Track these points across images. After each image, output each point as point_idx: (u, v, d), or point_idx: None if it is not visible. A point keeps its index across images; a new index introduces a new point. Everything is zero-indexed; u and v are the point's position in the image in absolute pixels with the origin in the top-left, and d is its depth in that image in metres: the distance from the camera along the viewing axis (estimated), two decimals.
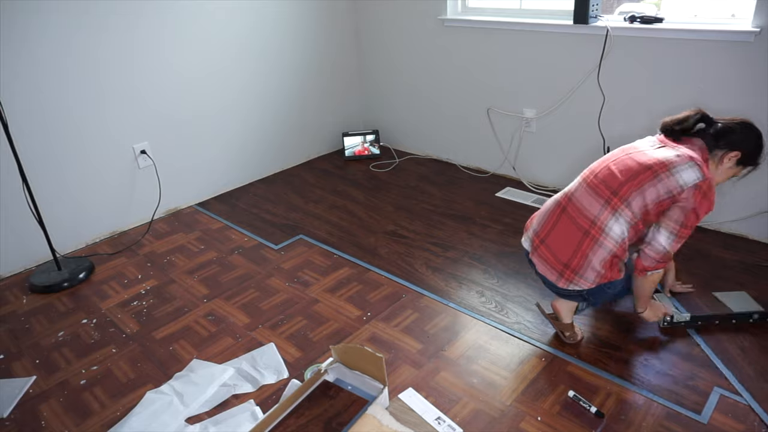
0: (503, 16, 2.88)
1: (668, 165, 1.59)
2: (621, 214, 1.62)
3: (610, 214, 1.63)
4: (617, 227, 1.62)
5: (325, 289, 2.23)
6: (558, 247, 1.71)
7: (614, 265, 1.66)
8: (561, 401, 1.62)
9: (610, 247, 1.63)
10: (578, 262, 1.67)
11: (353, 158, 3.57)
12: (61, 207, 2.55)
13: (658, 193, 1.58)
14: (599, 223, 1.64)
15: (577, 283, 1.68)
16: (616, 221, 1.62)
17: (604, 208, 1.64)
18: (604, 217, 1.63)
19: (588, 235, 1.65)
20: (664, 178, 1.57)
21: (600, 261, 1.65)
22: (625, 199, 1.62)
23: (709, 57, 2.25)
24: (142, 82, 2.67)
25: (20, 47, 2.26)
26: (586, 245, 1.65)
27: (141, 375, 1.82)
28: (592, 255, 1.65)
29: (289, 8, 3.18)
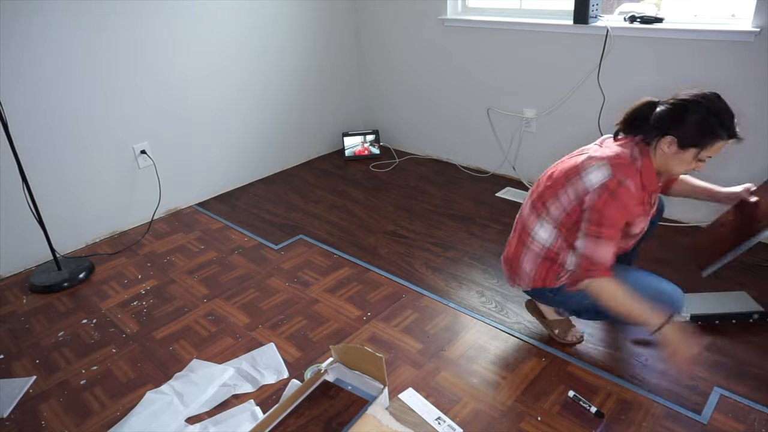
0: (503, 16, 2.88)
1: (580, 168, 1.54)
2: (544, 219, 1.62)
3: (536, 219, 1.64)
4: (543, 232, 1.63)
5: (325, 289, 2.23)
6: (509, 251, 1.78)
7: (550, 271, 1.66)
8: (561, 401, 1.62)
9: (536, 250, 1.65)
10: (515, 264, 1.73)
11: (353, 158, 3.57)
12: (61, 207, 2.55)
13: (569, 197, 1.56)
14: (528, 228, 1.67)
15: (519, 283, 1.75)
16: (541, 226, 1.63)
17: (532, 213, 1.66)
18: (531, 222, 1.66)
19: (520, 240, 1.71)
20: (575, 182, 1.54)
21: (530, 264, 1.68)
22: (545, 204, 1.62)
23: (709, 57, 2.25)
24: (143, 82, 2.67)
25: (20, 47, 2.26)
26: (518, 248, 1.71)
27: (141, 375, 1.82)
28: (522, 257, 1.70)
29: (290, 8, 3.18)
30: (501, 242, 2.48)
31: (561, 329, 1.85)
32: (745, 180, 2.32)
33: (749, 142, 2.27)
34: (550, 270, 1.66)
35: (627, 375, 1.70)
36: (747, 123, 2.26)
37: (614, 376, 1.70)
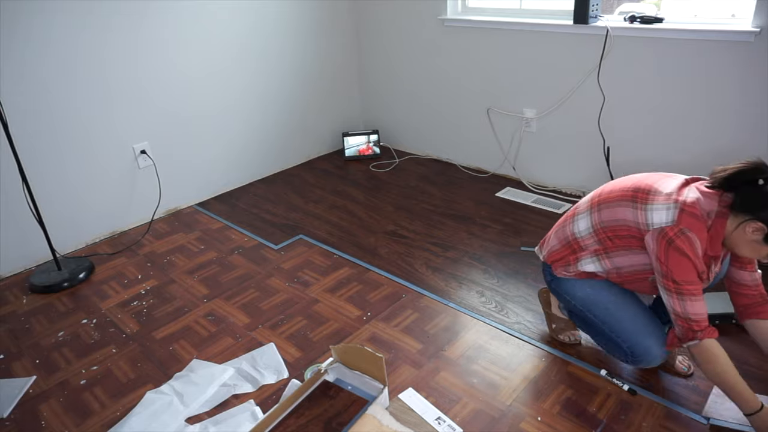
0: (503, 16, 2.88)
1: (649, 198, 1.43)
2: (592, 213, 1.59)
3: (586, 209, 1.62)
4: (583, 223, 1.61)
5: (325, 289, 2.23)
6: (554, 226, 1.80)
7: (564, 259, 1.66)
8: (561, 401, 1.62)
9: (567, 234, 1.65)
10: (551, 231, 1.76)
11: (353, 158, 3.57)
12: (61, 207, 2.55)
13: (624, 216, 1.47)
14: (575, 211, 1.67)
15: (543, 248, 1.76)
16: (585, 217, 1.60)
17: (586, 202, 1.64)
18: (580, 209, 1.65)
19: (566, 216, 1.71)
20: (638, 208, 1.44)
21: (556, 240, 1.69)
22: (600, 203, 1.57)
23: (709, 57, 2.25)
24: (143, 82, 2.67)
25: (21, 47, 2.26)
26: (560, 221, 1.73)
27: (141, 375, 1.82)
28: (556, 231, 1.71)
29: (290, 8, 3.18)
30: (501, 242, 2.48)
31: (559, 326, 1.85)
32: None
33: (750, 142, 2.28)
34: (565, 257, 1.65)
35: (627, 375, 1.70)
36: (747, 123, 2.28)
37: (614, 376, 1.70)
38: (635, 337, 1.55)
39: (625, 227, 1.48)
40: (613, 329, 1.59)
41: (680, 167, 2.49)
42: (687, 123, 2.40)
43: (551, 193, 2.94)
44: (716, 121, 2.32)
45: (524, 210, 2.78)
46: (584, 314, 1.65)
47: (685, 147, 2.45)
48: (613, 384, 1.66)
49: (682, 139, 2.44)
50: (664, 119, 2.46)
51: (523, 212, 2.75)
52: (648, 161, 2.57)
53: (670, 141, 2.48)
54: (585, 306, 1.64)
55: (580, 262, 1.62)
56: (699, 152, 2.41)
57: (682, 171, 2.50)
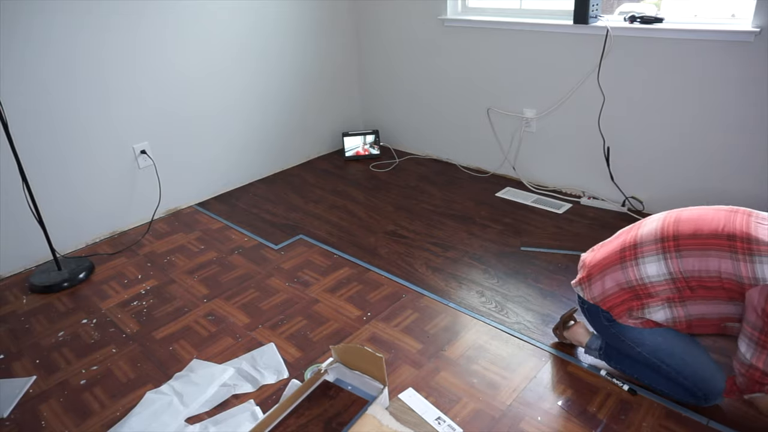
0: (503, 16, 2.88)
1: (753, 249, 1.29)
2: (667, 258, 1.40)
3: (655, 251, 1.43)
4: (654, 267, 1.43)
5: (325, 289, 2.23)
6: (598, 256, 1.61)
7: (625, 303, 1.50)
8: (561, 401, 1.62)
9: (630, 277, 1.47)
10: (596, 271, 1.58)
11: (353, 158, 3.57)
12: (61, 207, 2.55)
13: (719, 268, 1.33)
14: (638, 251, 1.47)
15: (584, 288, 1.61)
16: (657, 261, 1.42)
17: (654, 243, 1.45)
18: (647, 249, 1.45)
19: (621, 254, 1.51)
20: (740, 260, 1.30)
21: (613, 282, 1.52)
22: (680, 249, 1.39)
23: (709, 57, 2.25)
24: (143, 82, 2.67)
25: (21, 47, 2.26)
26: (612, 260, 1.53)
27: (141, 375, 1.82)
28: (609, 272, 1.52)
29: (290, 8, 3.18)
30: (501, 242, 2.49)
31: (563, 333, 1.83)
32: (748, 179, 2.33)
33: (749, 142, 2.28)
34: (625, 303, 1.50)
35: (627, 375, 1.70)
36: (747, 123, 2.27)
37: (615, 376, 1.70)
38: (710, 382, 1.49)
39: (718, 279, 1.34)
40: (686, 377, 1.50)
41: (680, 167, 2.49)
42: (687, 123, 2.40)
43: (551, 193, 2.94)
44: (716, 121, 2.32)
45: (524, 210, 2.78)
46: (650, 361, 1.54)
47: (684, 146, 2.45)
48: (612, 384, 1.66)
49: (682, 139, 2.44)
50: (664, 119, 2.46)
51: (523, 212, 2.75)
52: (648, 161, 2.57)
53: (670, 141, 2.48)
54: (654, 354, 1.53)
55: (646, 309, 1.47)
56: (699, 152, 2.41)
57: (682, 170, 2.51)
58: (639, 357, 1.57)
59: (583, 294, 1.62)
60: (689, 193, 2.50)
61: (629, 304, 1.50)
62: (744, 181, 2.33)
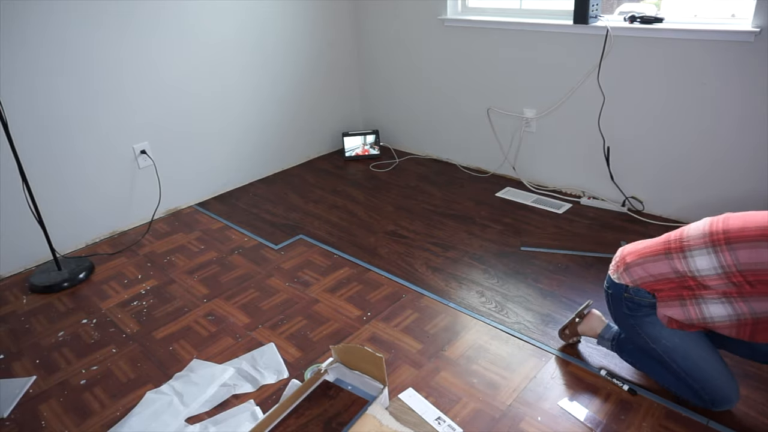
0: (503, 16, 2.88)
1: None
2: (718, 251, 1.35)
3: (704, 244, 1.38)
4: (704, 260, 1.37)
5: (325, 289, 2.23)
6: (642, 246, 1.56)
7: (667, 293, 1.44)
8: (561, 401, 1.62)
9: (678, 268, 1.42)
10: (638, 258, 1.52)
11: (353, 158, 3.57)
12: (61, 207, 2.55)
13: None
14: (684, 243, 1.42)
15: (621, 274, 1.55)
16: (708, 254, 1.37)
17: (701, 238, 1.40)
18: (693, 243, 1.40)
19: (664, 246, 1.47)
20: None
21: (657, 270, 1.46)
22: (731, 241, 1.34)
23: (709, 57, 2.25)
24: (143, 82, 2.67)
25: (21, 47, 2.26)
26: (657, 249, 1.47)
27: (141, 375, 1.82)
28: (652, 260, 1.47)
29: (290, 8, 3.18)
30: (501, 242, 2.48)
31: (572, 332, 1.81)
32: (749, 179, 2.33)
33: (750, 142, 2.28)
34: (675, 291, 1.44)
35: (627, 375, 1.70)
36: (747, 123, 2.27)
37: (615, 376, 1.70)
38: (721, 390, 1.48)
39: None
40: (696, 381, 1.50)
41: (680, 167, 2.49)
42: (687, 123, 2.40)
43: (551, 193, 2.94)
44: (716, 121, 2.32)
45: (524, 210, 2.78)
46: (662, 358, 1.54)
47: (684, 146, 2.44)
48: (613, 384, 1.66)
49: (682, 139, 2.44)
50: (664, 119, 2.46)
51: (523, 212, 2.75)
52: (648, 161, 2.57)
53: (670, 141, 2.48)
54: (668, 354, 1.52)
55: (701, 300, 1.41)
56: (699, 152, 2.41)
57: (682, 170, 2.51)
58: (653, 353, 1.56)
59: (618, 278, 1.56)
60: (689, 192, 2.50)
61: (678, 292, 1.44)
62: (744, 181, 2.33)
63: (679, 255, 1.43)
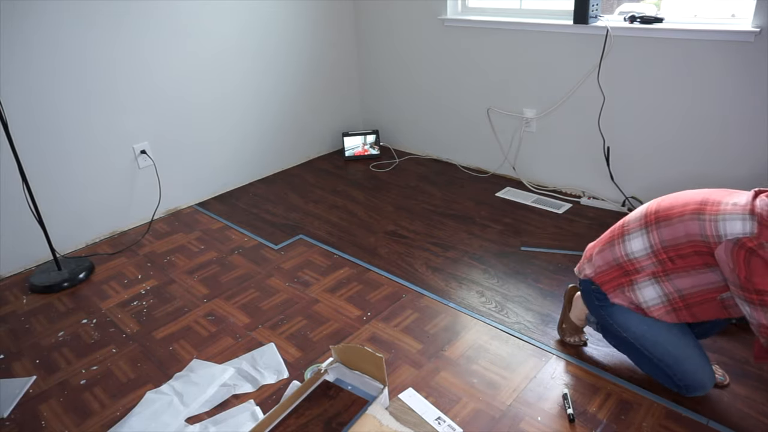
0: (503, 16, 2.88)
1: (720, 209, 1.33)
2: (649, 231, 1.46)
3: (638, 227, 1.50)
4: (637, 242, 1.49)
5: (325, 289, 2.23)
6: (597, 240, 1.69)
7: (615, 280, 1.55)
8: (561, 401, 1.62)
9: (617, 254, 1.54)
10: (592, 251, 1.66)
11: (353, 158, 3.57)
12: (61, 207, 2.55)
13: (688, 231, 1.37)
14: (624, 229, 1.55)
15: (583, 269, 1.67)
16: (640, 236, 1.48)
17: (638, 221, 1.52)
18: (632, 226, 1.52)
19: (610, 234, 1.60)
20: (706, 220, 1.34)
21: (603, 260, 1.58)
22: (659, 221, 1.45)
23: (709, 57, 2.25)
24: (143, 82, 2.67)
25: (21, 48, 2.26)
26: (604, 240, 1.61)
27: (141, 375, 1.82)
28: (600, 250, 1.61)
29: (290, 8, 3.18)
30: (501, 242, 2.48)
31: (570, 327, 1.84)
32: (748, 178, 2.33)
33: (750, 142, 2.28)
34: (616, 279, 1.55)
35: (627, 375, 1.70)
36: (747, 123, 2.28)
37: (614, 376, 1.70)
38: (692, 375, 1.53)
39: (689, 244, 1.38)
40: (668, 366, 1.55)
41: (681, 167, 2.49)
42: (687, 123, 2.40)
43: (551, 193, 2.94)
44: (716, 121, 2.32)
45: (524, 210, 2.78)
46: (634, 347, 1.60)
47: (684, 147, 2.45)
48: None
49: (681, 139, 2.44)
50: (663, 119, 2.46)
51: (523, 212, 2.75)
52: (648, 161, 2.57)
53: (670, 141, 2.48)
54: (638, 341, 1.57)
55: (635, 286, 1.52)
56: (699, 152, 2.41)
57: (682, 170, 2.51)
58: (626, 341, 1.62)
59: (579, 273, 1.69)
60: None
61: (619, 281, 1.55)
62: (744, 181, 2.33)
63: (620, 240, 1.54)
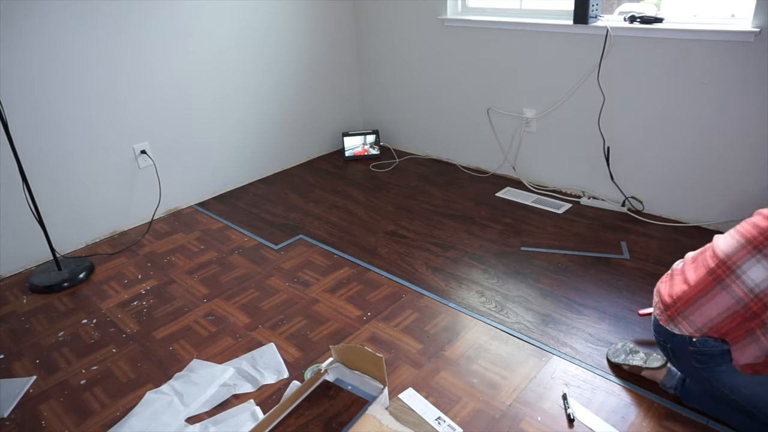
0: (503, 16, 2.88)
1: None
2: (766, 254, 1.24)
3: (749, 253, 1.26)
4: (758, 271, 1.25)
5: (325, 289, 2.23)
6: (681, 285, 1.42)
7: (736, 333, 1.29)
8: (560, 401, 1.62)
9: (738, 293, 1.28)
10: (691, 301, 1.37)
11: (353, 158, 3.57)
12: (61, 207, 2.55)
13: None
14: (729, 262, 1.30)
15: (678, 323, 1.40)
16: (757, 262, 1.25)
17: (743, 246, 1.28)
18: (738, 256, 1.29)
19: (712, 274, 1.34)
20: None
21: (719, 308, 1.32)
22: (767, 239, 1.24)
23: (709, 57, 2.25)
24: (143, 82, 2.67)
25: (21, 47, 2.26)
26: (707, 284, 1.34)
27: (141, 375, 1.82)
28: (709, 297, 1.33)
29: (290, 8, 3.18)
30: (501, 242, 2.48)
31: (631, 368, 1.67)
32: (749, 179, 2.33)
33: (749, 142, 2.28)
34: (742, 326, 1.29)
35: (627, 375, 1.70)
36: (747, 123, 2.28)
37: (614, 375, 1.70)
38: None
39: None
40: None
41: (680, 167, 2.49)
42: (687, 123, 2.40)
43: (551, 193, 2.94)
44: (716, 121, 2.32)
45: (524, 210, 2.78)
46: (744, 408, 1.38)
47: (684, 146, 2.45)
48: (565, 405, 1.64)
49: (682, 139, 2.44)
50: (663, 119, 2.46)
51: (523, 212, 2.75)
52: (648, 161, 2.57)
53: (670, 141, 2.48)
54: (752, 403, 1.35)
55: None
56: (699, 152, 2.41)
57: (682, 170, 2.51)
58: (732, 404, 1.39)
59: (677, 330, 1.42)
60: (689, 192, 2.50)
61: (747, 325, 1.30)
62: (744, 181, 2.33)
63: (732, 277, 1.30)
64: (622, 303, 2.02)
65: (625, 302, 2.02)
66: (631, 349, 1.71)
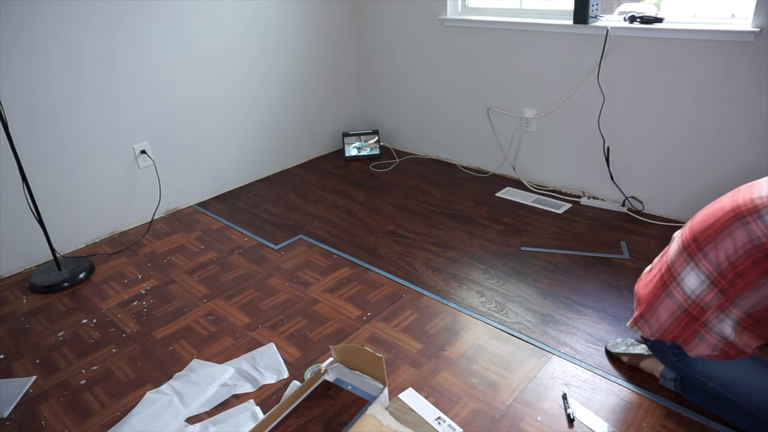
0: (503, 16, 2.88)
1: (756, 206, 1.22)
2: (698, 264, 1.33)
3: (685, 261, 1.37)
4: (692, 279, 1.35)
5: (325, 289, 2.23)
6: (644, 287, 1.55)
7: (688, 329, 1.39)
8: (560, 401, 1.62)
9: (679, 299, 1.40)
10: (646, 305, 1.51)
11: (353, 158, 3.57)
12: (61, 207, 2.55)
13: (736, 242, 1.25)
14: (672, 270, 1.42)
15: (641, 327, 1.54)
16: (691, 269, 1.35)
17: (681, 253, 1.39)
18: (678, 263, 1.39)
19: (660, 281, 1.47)
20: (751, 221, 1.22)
21: (666, 312, 1.43)
22: (702, 246, 1.32)
23: (709, 57, 2.25)
24: (143, 82, 2.67)
25: (21, 47, 2.26)
26: (656, 290, 1.47)
27: (141, 375, 1.82)
28: (658, 302, 1.46)
29: (290, 8, 3.18)
30: (501, 242, 2.49)
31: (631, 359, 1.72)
32: (748, 178, 2.33)
33: (749, 142, 2.28)
34: (688, 328, 1.39)
35: (627, 374, 1.70)
36: (747, 123, 2.28)
37: (614, 376, 1.70)
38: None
39: (745, 256, 1.26)
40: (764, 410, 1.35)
41: (680, 167, 2.49)
42: (687, 123, 2.40)
43: (551, 193, 2.94)
44: (716, 121, 2.32)
45: (524, 210, 2.78)
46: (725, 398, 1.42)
47: (684, 146, 2.45)
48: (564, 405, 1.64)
49: (681, 139, 2.44)
50: (663, 119, 2.46)
51: (523, 212, 2.75)
52: (648, 161, 2.57)
53: (670, 141, 2.48)
54: (728, 389, 1.39)
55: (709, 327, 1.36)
56: (699, 152, 2.41)
57: (682, 170, 2.51)
58: (713, 392, 1.43)
59: (642, 332, 1.55)
60: (689, 192, 2.50)
61: (692, 327, 1.39)
62: (744, 181, 2.33)
63: (674, 284, 1.42)
64: (622, 303, 2.02)
65: (625, 302, 2.02)
66: (632, 342, 1.75)
